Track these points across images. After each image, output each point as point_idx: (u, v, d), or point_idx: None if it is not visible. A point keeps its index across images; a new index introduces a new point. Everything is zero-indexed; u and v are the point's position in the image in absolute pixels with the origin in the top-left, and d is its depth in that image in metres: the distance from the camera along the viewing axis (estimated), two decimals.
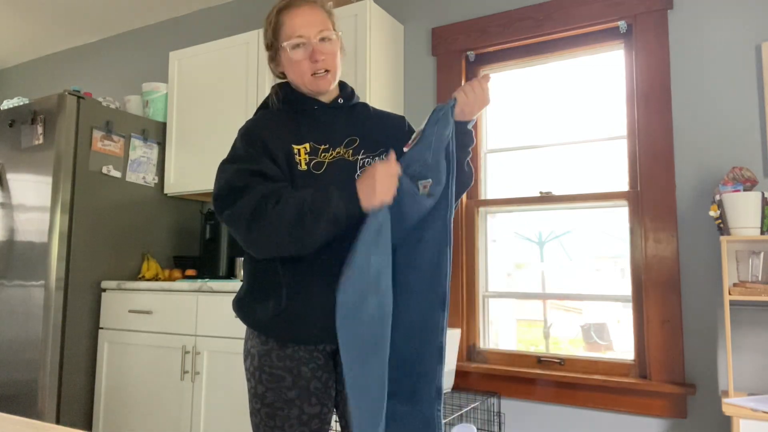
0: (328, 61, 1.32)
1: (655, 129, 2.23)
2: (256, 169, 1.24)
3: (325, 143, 1.31)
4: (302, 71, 1.31)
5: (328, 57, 1.32)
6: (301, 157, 1.28)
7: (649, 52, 2.27)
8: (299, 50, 1.30)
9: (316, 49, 1.30)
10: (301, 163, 1.27)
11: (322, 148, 1.30)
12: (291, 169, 1.26)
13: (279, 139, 1.29)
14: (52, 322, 2.58)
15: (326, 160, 1.29)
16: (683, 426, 2.08)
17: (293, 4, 1.33)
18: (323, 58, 1.30)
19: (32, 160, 2.74)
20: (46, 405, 2.53)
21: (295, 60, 1.31)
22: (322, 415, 1.29)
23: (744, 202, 1.87)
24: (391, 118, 1.45)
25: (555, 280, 2.55)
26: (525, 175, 2.60)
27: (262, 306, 1.28)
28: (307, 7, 1.32)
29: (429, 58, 2.75)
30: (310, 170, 1.27)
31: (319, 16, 1.32)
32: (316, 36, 1.30)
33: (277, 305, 1.25)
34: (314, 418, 1.27)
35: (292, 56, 1.31)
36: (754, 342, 1.99)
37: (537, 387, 2.33)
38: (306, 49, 1.30)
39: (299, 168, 1.26)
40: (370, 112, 1.45)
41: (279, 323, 1.26)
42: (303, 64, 1.31)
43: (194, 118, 3.01)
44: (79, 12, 3.68)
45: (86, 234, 2.73)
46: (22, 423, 0.85)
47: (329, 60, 1.32)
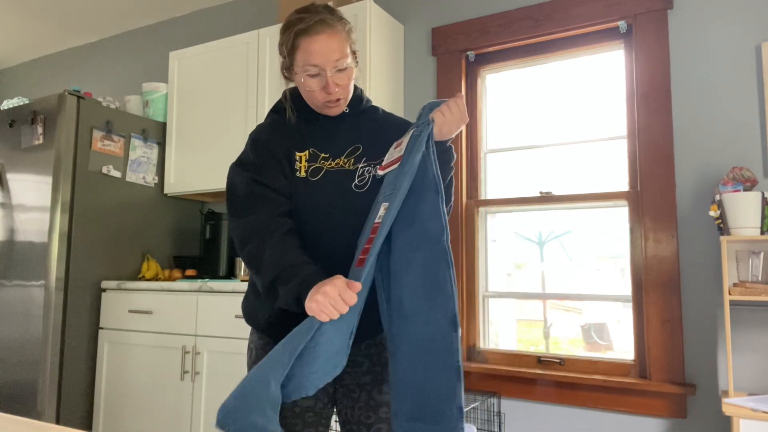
0: (342, 91, 1.31)
1: (655, 129, 2.23)
2: (260, 180, 1.28)
3: (326, 152, 1.33)
4: (314, 98, 1.31)
5: (342, 88, 1.31)
6: (302, 164, 1.30)
7: (649, 52, 2.27)
8: (314, 80, 1.28)
9: (331, 82, 1.27)
10: (301, 170, 1.30)
11: (322, 156, 1.32)
12: (292, 174, 1.30)
13: (283, 146, 1.32)
14: (52, 322, 2.58)
15: (325, 167, 1.31)
16: (683, 426, 2.08)
17: (313, 30, 1.26)
18: (337, 89, 1.29)
19: (32, 160, 2.74)
20: (46, 405, 2.53)
21: (307, 87, 1.30)
22: (317, 409, 1.30)
23: (744, 202, 1.87)
24: (398, 124, 1.43)
25: (555, 280, 2.55)
26: (525, 175, 2.60)
27: (262, 308, 1.32)
28: (325, 35, 1.26)
29: (429, 58, 2.75)
30: (307, 177, 1.30)
31: (337, 44, 1.27)
32: (333, 67, 1.27)
33: (276, 309, 1.28)
34: (308, 411, 1.29)
35: (306, 84, 1.30)
36: (754, 342, 1.99)
37: (537, 387, 2.33)
38: (321, 80, 1.28)
39: (298, 174, 1.30)
40: (378, 117, 1.44)
41: (276, 325, 1.29)
42: (316, 93, 1.30)
43: (194, 118, 3.01)
44: (79, 12, 3.68)
45: (86, 234, 2.73)
46: (22, 423, 0.85)
47: (342, 90, 1.31)
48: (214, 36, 3.48)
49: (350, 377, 1.33)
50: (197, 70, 3.03)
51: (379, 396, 1.33)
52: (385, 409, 1.34)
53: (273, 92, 2.72)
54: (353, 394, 1.33)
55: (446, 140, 1.30)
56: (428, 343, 1.18)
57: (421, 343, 1.19)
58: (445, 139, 1.29)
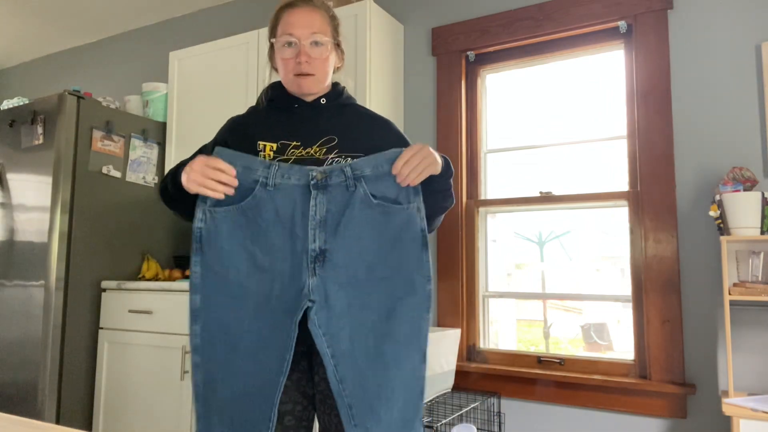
0: (314, 65, 1.33)
1: (655, 129, 2.23)
2: (206, 146, 1.40)
3: (298, 140, 1.33)
4: (287, 70, 1.34)
5: (314, 61, 1.33)
6: (266, 153, 1.31)
7: (649, 52, 2.27)
8: (288, 49, 1.33)
9: (303, 51, 1.31)
10: (265, 158, 1.31)
11: (293, 145, 1.32)
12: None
13: (246, 135, 1.34)
14: (52, 322, 2.58)
15: (293, 157, 1.31)
16: (683, 426, 2.08)
17: (294, 4, 1.34)
18: (307, 60, 1.31)
19: (32, 160, 2.74)
20: (46, 405, 2.53)
21: (282, 58, 1.34)
22: (296, 413, 1.30)
23: (744, 202, 1.87)
24: (378, 121, 1.43)
25: (555, 280, 2.55)
26: (525, 175, 2.60)
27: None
28: (306, 9, 1.33)
29: (429, 58, 2.75)
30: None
31: (315, 19, 1.33)
32: (308, 38, 1.31)
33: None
34: (286, 415, 1.30)
35: (280, 54, 1.34)
36: (754, 342, 1.99)
37: (537, 387, 2.33)
38: (294, 49, 1.32)
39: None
40: (359, 113, 1.43)
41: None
42: (289, 63, 1.33)
43: (194, 118, 3.01)
44: (79, 12, 3.68)
45: (86, 234, 2.73)
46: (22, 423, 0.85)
47: (315, 64, 1.33)
48: (214, 36, 3.48)
49: (326, 383, 1.31)
50: (197, 70, 3.03)
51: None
52: None
53: None
54: (329, 400, 1.31)
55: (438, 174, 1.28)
56: (403, 386, 1.23)
57: (398, 389, 1.23)
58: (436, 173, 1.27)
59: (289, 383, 1.30)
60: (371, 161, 1.26)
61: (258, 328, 1.21)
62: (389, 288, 1.24)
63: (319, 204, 1.23)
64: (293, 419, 1.30)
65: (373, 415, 1.19)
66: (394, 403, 1.21)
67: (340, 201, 1.24)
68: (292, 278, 1.21)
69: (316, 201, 1.23)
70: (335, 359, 1.20)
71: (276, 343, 1.20)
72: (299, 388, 1.31)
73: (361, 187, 1.25)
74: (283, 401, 1.29)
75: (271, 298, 1.22)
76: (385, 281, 1.24)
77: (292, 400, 1.30)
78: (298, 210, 1.23)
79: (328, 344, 1.20)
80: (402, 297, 1.24)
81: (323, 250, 1.23)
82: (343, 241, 1.23)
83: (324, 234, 1.23)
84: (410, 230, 1.26)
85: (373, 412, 1.19)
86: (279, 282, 1.22)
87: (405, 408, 1.23)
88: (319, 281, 1.22)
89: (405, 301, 1.24)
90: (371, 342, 1.22)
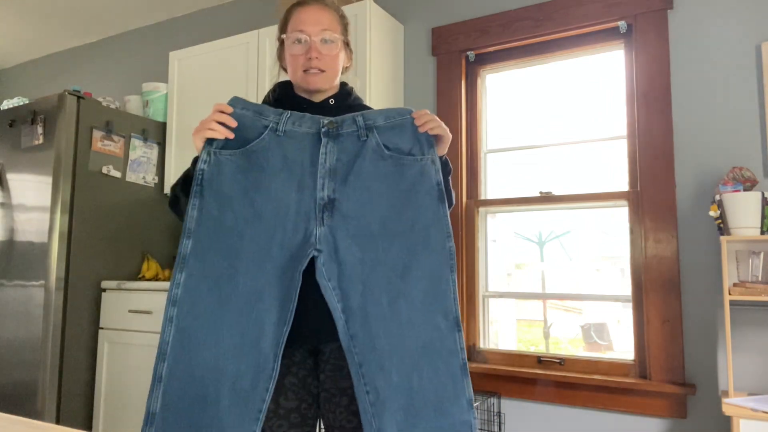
0: (324, 61, 1.32)
1: (655, 129, 2.23)
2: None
3: None
4: (297, 66, 1.34)
5: (325, 58, 1.32)
6: None
7: (649, 52, 2.27)
8: (298, 45, 1.33)
9: (314, 47, 1.31)
10: None
11: None
12: None
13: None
14: (52, 322, 2.58)
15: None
16: (683, 426, 2.08)
17: (304, 2, 1.35)
18: (317, 56, 1.31)
19: (32, 160, 2.74)
20: (46, 405, 2.53)
21: (291, 54, 1.34)
22: (302, 410, 1.30)
23: (744, 202, 1.87)
24: None
25: (555, 280, 2.55)
26: (525, 175, 2.60)
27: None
28: (317, 7, 1.34)
29: (429, 58, 2.75)
30: None
31: (326, 17, 1.33)
32: (318, 35, 1.31)
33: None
34: (292, 412, 1.29)
35: (290, 50, 1.34)
36: (754, 342, 1.99)
37: (537, 387, 2.33)
38: (304, 46, 1.32)
39: None
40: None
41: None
42: (298, 59, 1.33)
43: (194, 118, 3.01)
44: (79, 12, 3.68)
45: (86, 234, 2.73)
46: (22, 423, 0.85)
47: (325, 61, 1.33)
48: (214, 36, 3.48)
49: (331, 381, 1.30)
50: (197, 70, 3.03)
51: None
52: None
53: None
54: (334, 398, 1.30)
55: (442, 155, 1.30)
56: (422, 349, 1.16)
57: (415, 351, 1.16)
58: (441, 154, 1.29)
59: (296, 381, 1.29)
60: (383, 112, 1.24)
61: (255, 278, 1.15)
62: (404, 243, 1.18)
63: (329, 152, 1.20)
64: (299, 416, 1.29)
65: (383, 374, 1.14)
66: (413, 370, 1.15)
67: (351, 151, 1.20)
68: (297, 227, 1.17)
69: (326, 149, 1.20)
70: (345, 314, 1.15)
71: (276, 293, 1.14)
72: (305, 386, 1.31)
73: (373, 138, 1.22)
74: (289, 398, 1.28)
75: (271, 247, 1.16)
76: (399, 236, 1.18)
77: (299, 398, 1.29)
78: (307, 158, 1.20)
79: (338, 299, 1.16)
80: (418, 253, 1.18)
81: (332, 199, 1.18)
82: (353, 192, 1.19)
83: (333, 183, 1.19)
84: (425, 182, 1.21)
85: (383, 371, 1.14)
86: (281, 230, 1.16)
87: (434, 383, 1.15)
88: (327, 231, 1.17)
89: (421, 258, 1.18)
90: (384, 300, 1.16)
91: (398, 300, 1.16)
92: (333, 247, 1.17)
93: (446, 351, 1.17)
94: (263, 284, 1.15)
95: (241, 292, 1.14)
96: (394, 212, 1.20)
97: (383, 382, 1.13)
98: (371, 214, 1.19)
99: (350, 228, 1.18)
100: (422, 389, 1.15)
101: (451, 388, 1.16)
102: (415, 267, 1.18)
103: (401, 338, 1.16)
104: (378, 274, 1.17)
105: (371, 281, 1.17)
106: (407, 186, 1.21)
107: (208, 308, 1.14)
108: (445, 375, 1.16)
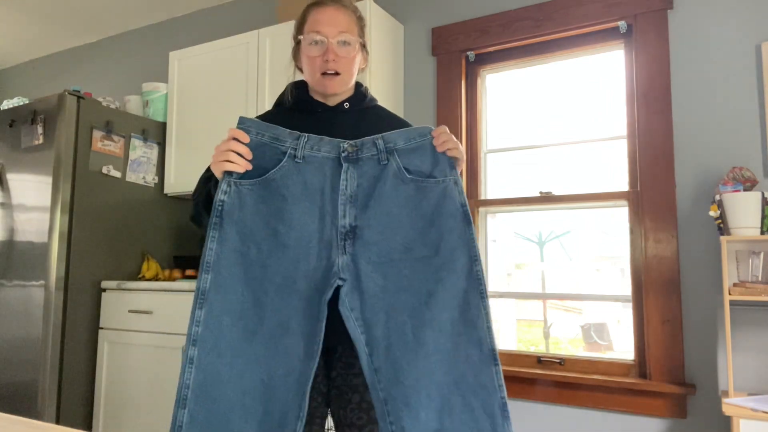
0: (341, 63, 1.31)
1: (655, 129, 2.23)
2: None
3: None
4: (314, 68, 1.32)
5: (342, 60, 1.31)
6: None
7: (649, 52, 2.27)
8: (315, 47, 1.31)
9: (331, 49, 1.30)
10: None
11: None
12: None
13: None
14: (52, 322, 2.58)
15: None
16: (683, 426, 2.08)
17: (322, 2, 1.34)
18: (334, 58, 1.30)
19: (32, 160, 2.74)
20: (46, 405, 2.53)
21: (308, 56, 1.33)
22: (311, 409, 1.30)
23: (744, 202, 1.87)
24: (401, 124, 1.42)
25: (555, 280, 2.55)
26: (525, 175, 2.60)
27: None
28: (334, 8, 1.33)
29: (429, 58, 2.75)
30: None
31: (343, 18, 1.32)
32: (335, 36, 1.30)
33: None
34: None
35: (307, 51, 1.33)
36: (754, 342, 1.99)
37: (537, 387, 2.33)
38: (321, 47, 1.31)
39: None
40: (380, 116, 1.43)
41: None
42: (316, 61, 1.32)
43: (194, 118, 3.01)
44: (79, 12, 3.68)
45: (86, 234, 2.73)
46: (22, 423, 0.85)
47: (342, 63, 1.32)
48: (214, 36, 3.48)
49: (342, 379, 1.31)
50: (197, 70, 3.03)
51: (371, 397, 1.33)
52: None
53: (273, 92, 2.72)
54: (345, 395, 1.31)
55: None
56: (453, 385, 1.08)
57: (445, 386, 1.08)
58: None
59: None
60: (403, 134, 1.21)
61: (280, 311, 1.10)
62: (428, 268, 1.13)
63: (350, 178, 1.17)
64: (307, 415, 1.30)
65: (409, 412, 1.06)
66: (443, 408, 1.08)
67: (372, 175, 1.17)
68: (320, 256, 1.13)
69: (347, 175, 1.17)
70: (369, 347, 1.10)
71: (303, 325, 1.10)
72: (315, 385, 1.30)
73: (393, 161, 1.19)
74: None
75: (296, 278, 1.12)
76: (423, 261, 1.14)
77: (309, 396, 1.30)
78: (327, 184, 1.16)
79: (362, 330, 1.11)
80: (443, 279, 1.13)
81: (353, 226, 1.15)
82: (374, 218, 1.15)
83: (354, 210, 1.16)
84: (448, 205, 1.17)
85: (409, 409, 1.06)
86: (305, 260, 1.13)
87: (468, 425, 1.07)
88: (350, 259, 1.13)
89: (447, 283, 1.12)
90: (409, 329, 1.11)
91: (424, 329, 1.11)
92: (355, 275, 1.13)
93: (480, 387, 1.09)
94: (289, 316, 1.11)
95: (267, 326, 1.10)
96: (417, 236, 1.16)
97: (410, 421, 1.06)
98: (393, 239, 1.15)
99: (372, 255, 1.14)
100: (455, 431, 1.07)
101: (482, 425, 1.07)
102: (441, 292, 1.13)
103: (429, 372, 1.08)
104: (401, 302, 1.12)
105: (394, 310, 1.12)
106: (430, 209, 1.17)
107: (232, 344, 1.08)
108: (481, 416, 1.08)
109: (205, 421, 1.05)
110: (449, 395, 1.08)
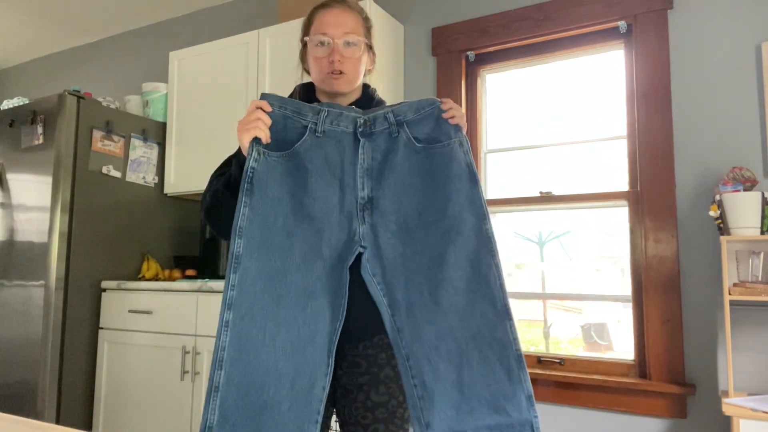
0: (346, 64, 1.33)
1: (655, 129, 2.23)
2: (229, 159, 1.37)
3: None
4: (320, 69, 1.34)
5: (347, 61, 1.33)
6: None
7: (649, 52, 2.27)
8: (321, 48, 1.33)
9: (337, 50, 1.32)
10: None
11: None
12: None
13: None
14: (52, 322, 2.58)
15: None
16: (683, 426, 2.08)
17: (328, 4, 1.36)
18: (340, 59, 1.32)
19: (32, 160, 2.74)
20: (46, 405, 2.53)
21: (315, 57, 1.34)
22: None
23: (744, 202, 1.87)
24: None
25: (555, 280, 2.55)
26: (525, 175, 2.60)
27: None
28: (340, 9, 1.35)
29: (429, 58, 2.75)
30: None
31: (349, 20, 1.34)
32: (341, 37, 1.32)
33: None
34: None
35: (313, 53, 1.35)
36: (754, 342, 1.99)
37: (537, 387, 2.33)
38: (327, 48, 1.32)
39: None
40: None
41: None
42: (322, 62, 1.33)
43: (194, 118, 3.01)
44: (79, 12, 3.68)
45: (86, 234, 2.73)
46: (22, 423, 0.86)
47: (347, 64, 1.33)
48: (214, 36, 3.48)
49: (347, 378, 1.33)
50: (197, 70, 3.03)
51: (376, 396, 1.33)
52: (382, 410, 1.33)
53: (273, 92, 2.71)
54: (350, 394, 1.32)
55: None
56: (470, 340, 1.14)
57: (463, 342, 1.14)
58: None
59: None
60: (413, 105, 1.27)
61: (305, 276, 1.16)
62: (438, 231, 1.19)
63: (366, 152, 1.24)
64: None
65: (431, 367, 1.13)
66: (462, 362, 1.14)
67: (384, 148, 1.24)
68: (342, 226, 1.20)
69: (363, 149, 1.24)
70: (391, 308, 1.17)
71: (327, 290, 1.16)
72: None
73: (404, 133, 1.25)
74: None
75: (321, 246, 1.18)
76: (434, 224, 1.20)
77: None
78: (347, 157, 1.23)
79: (384, 293, 1.17)
80: (453, 239, 1.18)
81: (371, 197, 1.22)
82: (389, 189, 1.22)
83: (371, 182, 1.22)
84: (454, 166, 1.22)
85: (431, 364, 1.13)
86: (329, 230, 1.19)
87: (486, 377, 1.13)
88: (369, 229, 1.20)
89: (457, 243, 1.18)
90: (426, 289, 1.17)
91: (439, 289, 1.17)
92: (375, 243, 1.20)
93: (497, 342, 1.15)
94: (314, 281, 1.16)
95: (294, 291, 1.15)
96: (428, 201, 1.22)
97: (431, 376, 1.12)
98: (408, 208, 1.21)
99: (389, 224, 1.21)
100: (474, 383, 1.13)
101: (506, 383, 1.14)
102: (452, 253, 1.18)
103: (447, 329, 1.15)
104: (417, 265, 1.19)
105: (412, 273, 1.18)
106: (437, 173, 1.23)
107: (265, 308, 1.13)
108: (498, 368, 1.14)
109: (241, 384, 1.09)
110: (467, 350, 1.14)
